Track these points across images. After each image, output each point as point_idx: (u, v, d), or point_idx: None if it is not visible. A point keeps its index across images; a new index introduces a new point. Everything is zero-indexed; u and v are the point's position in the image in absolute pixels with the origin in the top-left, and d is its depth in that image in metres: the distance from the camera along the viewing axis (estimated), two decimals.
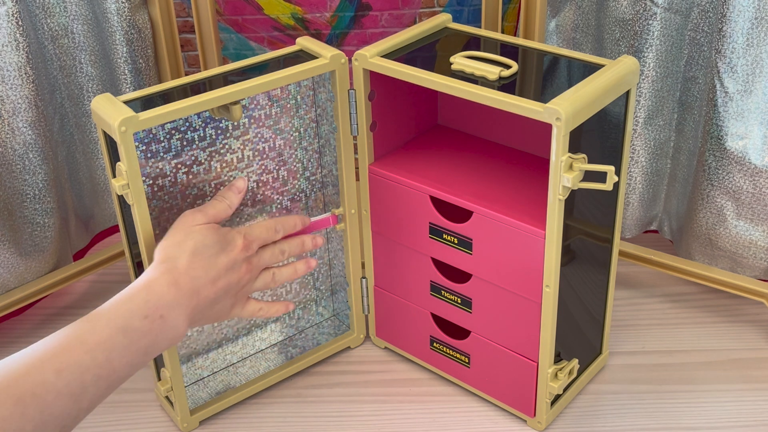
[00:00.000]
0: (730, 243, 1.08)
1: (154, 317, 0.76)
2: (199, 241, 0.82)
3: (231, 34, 1.38)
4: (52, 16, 1.08)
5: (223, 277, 0.84)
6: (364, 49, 0.93)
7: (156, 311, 0.76)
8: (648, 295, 1.20)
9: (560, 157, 0.80)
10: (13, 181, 1.07)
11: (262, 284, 0.90)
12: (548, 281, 0.88)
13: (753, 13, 0.96)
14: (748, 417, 0.98)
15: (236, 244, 0.86)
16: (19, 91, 1.04)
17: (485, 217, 0.91)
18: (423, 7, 1.35)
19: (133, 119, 0.81)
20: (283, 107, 1.00)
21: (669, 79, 1.07)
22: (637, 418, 0.98)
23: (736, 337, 1.11)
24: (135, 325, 0.74)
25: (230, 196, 0.90)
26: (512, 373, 0.97)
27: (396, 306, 1.06)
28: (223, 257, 0.84)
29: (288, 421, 1.01)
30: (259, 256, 0.89)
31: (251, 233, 0.88)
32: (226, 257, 0.84)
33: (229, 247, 0.85)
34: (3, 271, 1.08)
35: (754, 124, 1.02)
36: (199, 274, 0.81)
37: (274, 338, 1.11)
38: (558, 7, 1.14)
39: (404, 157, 1.02)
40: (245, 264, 0.86)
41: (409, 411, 1.01)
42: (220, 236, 0.84)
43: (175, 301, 0.78)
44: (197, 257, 0.81)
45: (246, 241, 0.87)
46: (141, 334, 0.75)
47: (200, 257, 0.82)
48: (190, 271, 0.80)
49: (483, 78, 0.87)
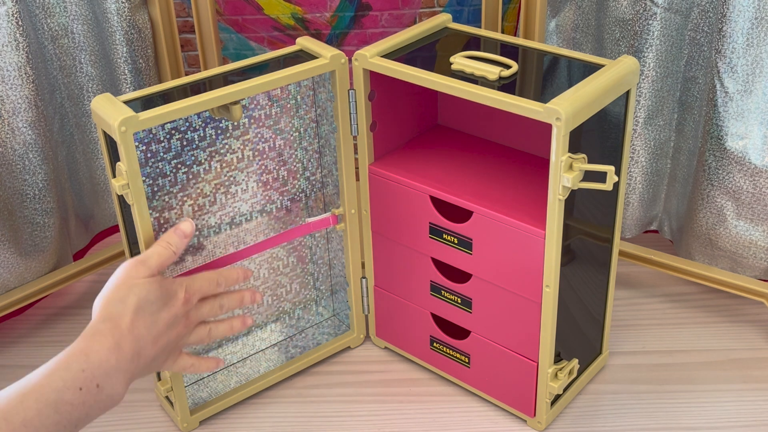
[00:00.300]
0: (730, 243, 1.08)
1: (90, 387, 0.71)
2: (142, 297, 0.78)
3: (231, 34, 1.38)
4: (52, 16, 1.08)
5: (164, 334, 0.80)
6: (364, 49, 0.93)
7: (92, 381, 0.72)
8: (648, 295, 1.20)
9: (560, 157, 0.80)
10: (13, 181, 1.07)
11: (197, 339, 0.87)
12: (548, 281, 0.88)
13: (753, 13, 0.96)
14: (748, 417, 0.98)
15: (178, 297, 0.82)
16: (19, 91, 1.04)
17: (485, 217, 0.91)
18: (423, 7, 1.35)
19: (133, 119, 0.81)
20: (283, 107, 1.00)
21: (669, 79, 1.07)
22: (637, 418, 0.98)
23: (736, 337, 1.11)
24: (67, 398, 0.70)
25: (175, 241, 0.85)
26: (512, 373, 0.97)
27: (396, 306, 1.06)
28: (165, 313, 0.80)
29: (288, 421, 1.01)
30: (198, 309, 0.86)
31: (192, 286, 0.84)
32: (167, 313, 0.80)
33: (171, 301, 0.81)
34: (3, 271, 1.08)
35: (754, 124, 1.02)
36: (142, 334, 0.77)
37: (274, 338, 1.11)
38: (558, 7, 1.14)
39: (404, 157, 1.02)
40: (184, 318, 0.83)
41: (409, 411, 1.01)
42: (162, 290, 0.80)
43: (115, 367, 0.74)
44: (140, 315, 0.77)
45: (187, 295, 0.83)
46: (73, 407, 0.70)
47: (143, 314, 0.78)
48: (133, 330, 0.76)
49: (483, 78, 0.87)
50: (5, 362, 1.12)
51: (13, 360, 1.13)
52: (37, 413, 0.68)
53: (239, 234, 1.02)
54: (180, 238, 0.85)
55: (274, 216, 1.05)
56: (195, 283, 0.85)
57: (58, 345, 1.14)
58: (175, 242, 0.84)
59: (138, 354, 0.77)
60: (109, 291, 0.79)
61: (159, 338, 0.80)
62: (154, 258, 0.82)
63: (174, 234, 0.85)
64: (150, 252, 0.82)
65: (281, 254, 1.08)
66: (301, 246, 1.09)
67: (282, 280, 1.10)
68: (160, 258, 0.82)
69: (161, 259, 0.82)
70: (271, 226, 1.05)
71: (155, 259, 0.82)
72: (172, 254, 0.83)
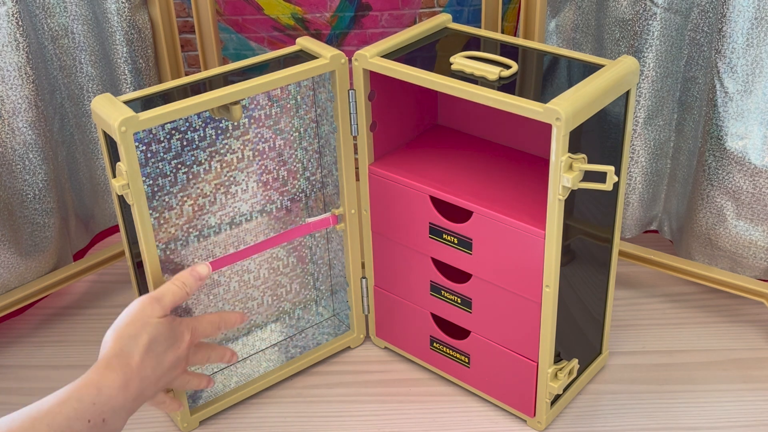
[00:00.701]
0: (730, 243, 1.08)
1: (97, 421, 0.74)
2: (153, 337, 0.80)
3: (231, 34, 1.38)
4: (52, 16, 1.08)
5: (166, 375, 0.83)
6: (364, 49, 0.93)
7: (100, 415, 0.74)
8: (648, 295, 1.20)
9: (560, 157, 0.80)
10: (13, 181, 1.07)
11: (179, 385, 0.89)
12: (548, 281, 0.88)
13: (753, 13, 0.96)
14: (748, 417, 0.98)
15: (184, 340, 0.84)
16: (19, 91, 1.04)
17: (485, 217, 0.91)
18: (423, 7, 1.35)
19: (133, 119, 0.81)
20: (283, 107, 1.00)
21: (669, 79, 1.07)
22: (637, 418, 0.98)
23: (736, 337, 1.11)
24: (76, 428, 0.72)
25: (190, 283, 0.87)
26: (512, 373, 0.97)
27: (396, 306, 1.06)
28: (170, 354, 0.83)
29: (288, 421, 1.01)
30: (194, 354, 0.88)
31: (198, 329, 0.87)
32: (173, 354, 0.83)
33: (177, 343, 0.83)
34: (3, 271, 1.08)
35: (754, 124, 1.02)
36: (148, 374, 0.80)
37: (274, 338, 1.11)
38: (558, 7, 1.14)
39: (404, 157, 1.02)
40: (184, 361, 0.86)
41: (409, 411, 1.01)
42: (171, 332, 0.83)
43: (121, 405, 0.76)
44: (149, 355, 0.80)
45: (192, 338, 0.85)
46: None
47: (151, 354, 0.80)
48: (141, 371, 0.79)
49: (483, 78, 0.87)
50: (5, 362, 1.12)
51: (13, 360, 1.13)
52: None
53: (239, 234, 1.02)
54: (195, 280, 0.87)
55: (274, 216, 1.05)
56: (200, 327, 0.87)
57: (58, 345, 1.15)
58: (190, 283, 0.86)
59: (141, 394, 0.79)
60: (123, 325, 0.80)
61: (161, 378, 0.82)
62: (168, 297, 0.84)
63: (190, 275, 0.87)
64: (165, 290, 0.84)
65: (281, 254, 1.08)
66: (301, 246, 1.09)
67: (282, 280, 1.10)
68: (174, 297, 0.84)
69: (175, 298, 0.84)
70: (271, 226, 1.05)
71: (169, 299, 0.84)
72: (185, 295, 0.85)
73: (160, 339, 0.81)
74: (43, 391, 1.06)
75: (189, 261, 0.98)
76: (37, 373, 1.10)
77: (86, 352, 1.13)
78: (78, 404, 0.73)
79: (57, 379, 1.08)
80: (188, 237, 0.97)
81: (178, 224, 0.96)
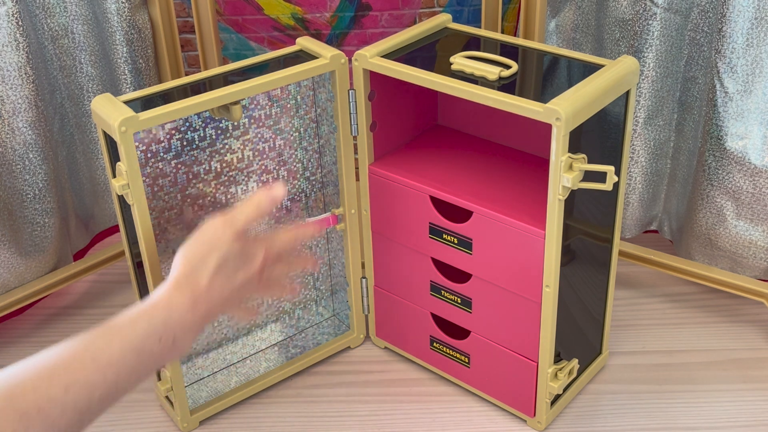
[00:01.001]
0: (730, 243, 1.08)
1: (168, 340, 0.74)
2: (223, 260, 0.79)
3: (231, 34, 1.38)
4: (52, 16, 1.08)
5: (235, 294, 0.81)
6: (364, 49, 0.93)
7: (171, 334, 0.74)
8: (648, 295, 1.20)
9: (560, 157, 0.80)
10: (13, 181, 1.07)
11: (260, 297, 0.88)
12: (548, 281, 0.88)
13: (753, 13, 0.96)
14: (748, 417, 0.98)
15: (257, 258, 0.82)
16: (19, 91, 1.04)
17: (485, 217, 0.91)
18: (423, 7, 1.35)
19: (133, 119, 0.81)
20: (283, 107, 1.00)
21: (669, 79, 1.07)
22: (637, 418, 0.98)
23: (736, 337, 1.11)
24: (148, 346, 0.72)
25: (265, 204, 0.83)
26: (512, 373, 0.97)
27: (396, 306, 1.06)
28: (241, 274, 0.81)
29: (288, 421, 1.01)
30: (271, 271, 0.86)
31: (273, 247, 0.84)
32: (243, 274, 0.81)
33: (249, 264, 0.81)
34: (3, 271, 1.08)
35: (754, 124, 1.02)
36: (217, 295, 0.79)
37: (274, 338, 1.11)
38: (558, 7, 1.14)
39: (404, 157, 1.02)
40: (257, 279, 0.83)
41: (409, 411, 1.01)
42: (243, 251, 0.81)
43: (189, 325, 0.76)
44: (218, 276, 0.79)
45: (267, 256, 0.83)
46: (151, 356, 0.73)
47: (221, 276, 0.79)
48: (210, 291, 0.78)
49: (483, 78, 0.87)
50: (5, 362, 1.11)
51: (13, 360, 1.11)
52: (121, 356, 0.70)
53: None
54: (270, 201, 0.83)
55: (274, 216, 1.05)
56: (275, 244, 0.85)
57: None
58: (264, 205, 0.83)
59: (208, 313, 0.78)
60: (193, 248, 0.79)
61: (230, 298, 0.80)
62: (241, 219, 0.81)
63: (265, 197, 0.83)
64: (239, 212, 0.81)
65: None
66: (301, 246, 1.09)
67: None
68: (247, 219, 0.81)
69: (248, 220, 0.81)
70: (271, 226, 1.05)
71: (242, 220, 0.81)
72: (259, 216, 0.82)
73: (230, 261, 0.79)
74: None
75: None
76: None
77: None
78: (149, 323, 0.73)
79: None
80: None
81: (178, 224, 0.96)
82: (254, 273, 0.82)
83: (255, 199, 0.83)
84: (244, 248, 0.81)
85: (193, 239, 0.80)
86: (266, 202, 0.83)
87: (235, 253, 0.80)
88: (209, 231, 0.80)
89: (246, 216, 0.82)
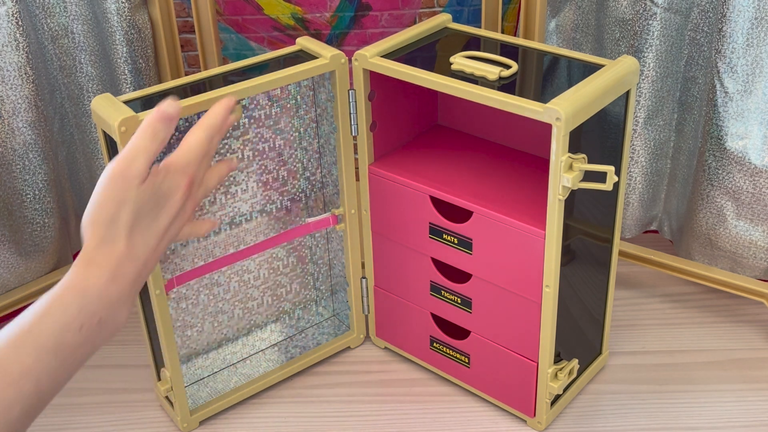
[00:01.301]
0: (730, 243, 1.08)
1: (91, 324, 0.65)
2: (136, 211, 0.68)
3: (231, 34, 1.38)
4: (52, 16, 1.08)
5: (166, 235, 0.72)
6: (364, 49, 0.93)
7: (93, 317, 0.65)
8: (648, 295, 1.20)
9: (560, 157, 0.80)
10: (13, 181, 1.07)
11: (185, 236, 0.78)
12: (548, 281, 0.88)
13: (753, 13, 0.96)
14: (748, 417, 0.98)
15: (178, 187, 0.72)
16: (19, 91, 1.04)
17: (485, 217, 0.91)
18: (423, 7, 1.35)
19: (133, 119, 0.81)
20: (283, 107, 1.00)
21: (669, 79, 1.07)
22: (637, 418, 0.98)
23: (736, 337, 1.11)
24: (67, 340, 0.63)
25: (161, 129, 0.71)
26: (512, 373, 0.97)
27: (396, 306, 1.06)
28: (164, 216, 0.71)
29: (288, 421, 1.01)
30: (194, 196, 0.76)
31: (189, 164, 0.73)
32: (167, 214, 0.71)
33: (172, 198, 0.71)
34: (3, 271, 1.08)
35: (754, 124, 1.02)
36: (141, 253, 0.69)
37: (274, 338, 1.11)
38: (558, 7, 1.14)
39: (404, 157, 1.02)
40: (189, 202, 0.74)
41: (409, 411, 1.01)
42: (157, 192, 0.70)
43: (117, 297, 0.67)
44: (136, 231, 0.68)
45: (188, 178, 0.73)
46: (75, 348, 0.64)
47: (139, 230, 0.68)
48: (131, 252, 0.68)
49: (483, 78, 0.87)
50: None
51: None
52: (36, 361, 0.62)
53: (239, 234, 1.02)
54: (166, 123, 0.71)
55: (274, 216, 1.05)
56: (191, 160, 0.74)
57: None
58: (160, 130, 0.71)
59: (140, 273, 0.69)
60: (98, 210, 0.68)
61: (159, 244, 0.71)
62: (141, 157, 0.69)
63: (159, 120, 0.71)
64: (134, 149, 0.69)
65: (281, 254, 1.08)
66: (301, 246, 1.09)
67: (282, 280, 1.10)
68: (148, 154, 0.69)
69: (149, 154, 0.70)
70: (271, 226, 1.05)
71: (143, 158, 0.69)
72: (159, 145, 0.71)
73: (145, 209, 0.69)
74: None
75: (189, 261, 0.98)
76: None
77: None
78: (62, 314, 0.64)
79: None
80: None
81: None
82: (179, 203, 0.72)
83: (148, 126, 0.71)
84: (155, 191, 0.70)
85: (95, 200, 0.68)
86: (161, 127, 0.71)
87: (149, 199, 0.69)
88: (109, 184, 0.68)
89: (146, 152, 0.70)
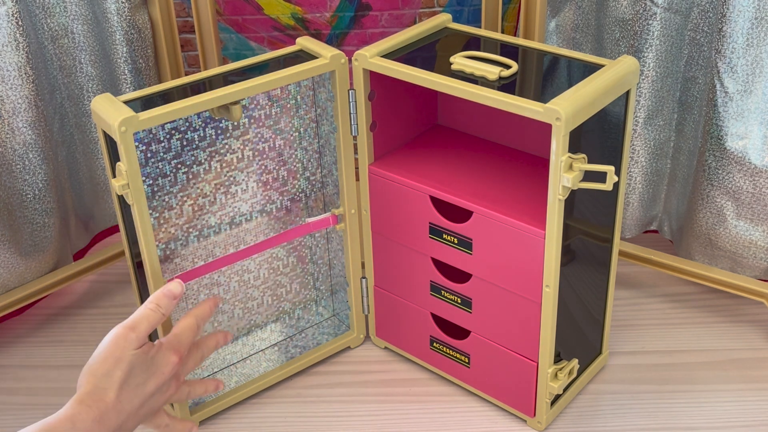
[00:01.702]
0: (730, 243, 1.08)
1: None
2: (128, 372, 0.78)
3: (231, 34, 1.38)
4: (52, 16, 1.08)
5: (149, 402, 0.81)
6: (364, 49, 0.93)
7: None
8: (648, 295, 1.20)
9: (560, 157, 0.80)
10: (13, 181, 1.07)
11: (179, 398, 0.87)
12: (548, 281, 0.88)
13: (753, 13, 0.96)
14: (748, 417, 0.98)
15: (168, 363, 0.82)
16: (19, 91, 1.04)
17: (485, 217, 0.91)
18: (423, 7, 1.35)
19: (133, 119, 0.81)
20: (283, 107, 1.00)
21: (669, 79, 1.07)
22: (637, 418, 0.98)
23: (736, 337, 1.11)
24: None
25: (165, 304, 0.83)
26: (512, 373, 0.97)
27: (396, 306, 1.06)
28: (152, 383, 0.80)
29: (288, 421, 1.01)
30: (184, 366, 0.86)
31: (181, 344, 0.84)
32: (154, 382, 0.81)
33: (160, 370, 0.81)
34: (3, 271, 1.08)
35: (754, 124, 1.02)
36: (126, 408, 0.78)
37: (274, 338, 1.11)
38: (558, 7, 1.14)
39: (404, 157, 1.02)
40: (174, 381, 0.84)
41: (409, 411, 1.01)
42: (149, 361, 0.80)
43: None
44: (125, 389, 0.78)
45: (178, 357, 0.83)
46: None
47: (128, 388, 0.78)
48: (118, 405, 0.77)
49: (483, 78, 0.87)
50: (5, 362, 1.12)
51: (13, 360, 1.13)
52: None
53: (239, 234, 1.02)
54: (169, 300, 0.83)
55: (274, 216, 1.05)
56: (182, 341, 0.85)
57: (58, 345, 1.15)
58: (165, 305, 0.83)
59: (120, 427, 0.78)
60: (97, 363, 0.78)
61: (143, 407, 0.80)
62: (144, 324, 0.80)
63: (164, 296, 0.83)
64: (139, 317, 0.81)
65: (281, 254, 1.08)
66: (301, 246, 1.09)
67: (282, 280, 1.10)
68: (150, 323, 0.81)
69: (150, 323, 0.81)
70: (271, 226, 1.05)
71: (144, 326, 0.80)
72: (161, 317, 0.82)
73: (136, 372, 0.79)
74: (43, 391, 1.07)
75: (189, 261, 0.98)
76: (37, 373, 1.10)
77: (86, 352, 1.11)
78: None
79: (57, 380, 1.08)
80: (188, 237, 0.97)
81: (178, 224, 0.96)
82: (167, 378, 0.82)
83: (154, 301, 0.83)
84: (148, 357, 0.80)
85: (97, 354, 0.79)
86: (165, 302, 0.83)
87: (141, 364, 0.79)
88: (111, 343, 0.79)
89: (148, 320, 0.81)
